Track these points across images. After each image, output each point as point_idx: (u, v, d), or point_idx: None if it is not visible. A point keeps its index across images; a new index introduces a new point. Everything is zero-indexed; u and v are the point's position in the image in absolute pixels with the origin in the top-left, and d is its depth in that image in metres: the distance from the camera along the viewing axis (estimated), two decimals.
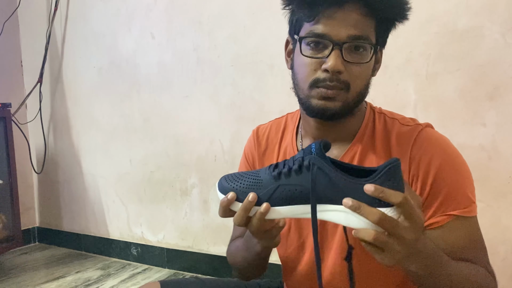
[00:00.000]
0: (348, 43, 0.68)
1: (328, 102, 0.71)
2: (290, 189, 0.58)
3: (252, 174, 0.62)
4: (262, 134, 0.93)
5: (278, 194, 0.59)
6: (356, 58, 0.70)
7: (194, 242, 1.97)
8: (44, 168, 2.55)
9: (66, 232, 2.53)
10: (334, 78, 0.69)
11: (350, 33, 0.68)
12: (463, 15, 1.24)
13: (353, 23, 0.68)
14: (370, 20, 0.69)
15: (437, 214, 0.71)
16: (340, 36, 0.68)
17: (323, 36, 0.69)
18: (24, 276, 2.06)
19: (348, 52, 0.69)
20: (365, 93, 0.76)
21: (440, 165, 0.71)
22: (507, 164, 1.20)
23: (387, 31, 0.74)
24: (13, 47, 2.60)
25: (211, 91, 1.85)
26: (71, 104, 2.42)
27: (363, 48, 0.70)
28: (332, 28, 0.68)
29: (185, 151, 1.96)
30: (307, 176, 0.57)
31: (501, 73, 1.20)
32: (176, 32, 1.94)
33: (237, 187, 0.61)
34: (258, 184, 0.60)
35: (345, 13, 0.68)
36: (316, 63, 0.71)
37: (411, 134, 0.74)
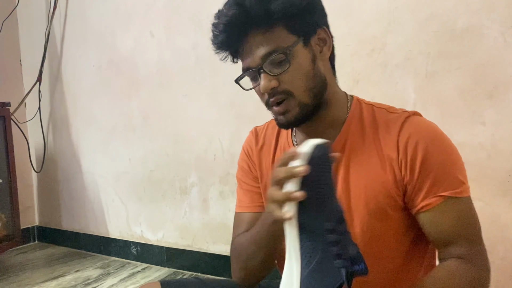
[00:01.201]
0: (264, 62, 0.74)
1: (285, 115, 0.77)
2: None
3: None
4: (260, 132, 0.98)
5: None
6: (279, 68, 0.74)
7: (194, 241, 1.97)
8: (44, 167, 2.55)
9: (65, 231, 2.53)
10: (274, 93, 0.76)
11: (261, 54, 0.74)
12: (463, 14, 1.24)
13: (259, 44, 0.74)
14: (276, 29, 0.73)
15: (428, 196, 0.73)
16: (256, 62, 0.75)
17: (248, 69, 0.78)
18: (23, 275, 2.06)
19: (271, 68, 0.74)
20: (320, 83, 0.77)
21: (427, 148, 0.73)
22: (506, 162, 1.20)
23: (302, 21, 0.75)
24: (12, 46, 2.60)
25: (211, 90, 1.85)
26: (70, 103, 2.42)
27: (280, 58, 0.73)
28: (248, 59, 0.77)
29: (185, 150, 1.96)
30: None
31: (501, 72, 1.20)
32: (175, 30, 1.93)
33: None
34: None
35: (250, 41, 0.75)
36: (258, 90, 0.79)
37: (398, 120, 0.77)
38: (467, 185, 0.75)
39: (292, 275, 0.60)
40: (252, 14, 0.72)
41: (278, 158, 0.86)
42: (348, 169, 0.79)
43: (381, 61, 1.39)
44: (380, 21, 1.39)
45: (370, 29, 1.40)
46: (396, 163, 0.75)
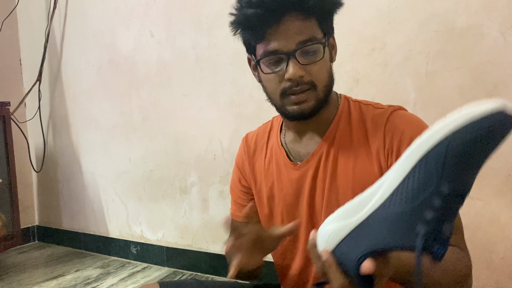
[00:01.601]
0: (299, 49, 0.74)
1: (302, 105, 0.77)
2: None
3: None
4: (251, 139, 0.99)
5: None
6: (310, 59, 0.75)
7: (194, 240, 1.97)
8: (44, 167, 2.55)
9: (65, 230, 2.53)
10: (298, 83, 0.75)
11: (298, 40, 0.73)
12: (463, 14, 1.24)
13: (296, 31, 0.73)
14: (311, 20, 0.74)
15: None
16: (289, 47, 0.74)
17: (276, 52, 0.75)
18: (23, 274, 2.06)
19: (302, 56, 0.74)
20: (331, 83, 0.81)
21: (412, 136, 0.72)
22: (506, 162, 1.20)
23: (330, 21, 0.79)
24: (12, 46, 2.60)
25: (211, 90, 1.85)
26: (70, 103, 2.42)
27: (314, 48, 0.75)
28: (280, 42, 0.74)
29: (185, 150, 1.96)
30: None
31: (501, 71, 1.20)
32: (175, 30, 1.93)
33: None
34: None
35: (287, 24, 0.73)
36: (278, 76, 0.77)
37: (384, 114, 0.80)
38: None
39: (369, 200, 0.53)
40: (299, 1, 0.71)
41: (269, 163, 0.91)
42: (336, 164, 0.81)
43: (381, 60, 1.39)
44: (380, 21, 1.39)
45: (370, 29, 1.40)
46: (382, 153, 0.77)
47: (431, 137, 0.48)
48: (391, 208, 0.50)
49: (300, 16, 0.73)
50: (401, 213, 0.49)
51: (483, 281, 1.24)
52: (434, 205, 0.47)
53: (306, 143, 0.86)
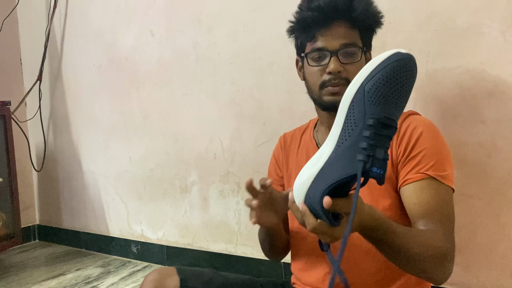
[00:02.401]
0: (341, 49, 0.90)
1: (336, 97, 0.90)
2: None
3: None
4: (288, 135, 1.15)
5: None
6: (349, 59, 0.91)
7: (194, 239, 1.97)
8: (44, 166, 2.55)
9: (66, 229, 2.54)
10: (336, 77, 0.90)
11: (341, 42, 0.90)
12: (463, 13, 1.24)
13: (341, 35, 0.90)
14: (355, 30, 0.92)
15: (412, 171, 0.85)
16: (334, 46, 0.90)
17: (322, 49, 0.91)
18: (24, 273, 2.07)
19: (343, 56, 0.91)
20: None
21: (422, 132, 0.87)
22: (506, 161, 1.20)
23: (370, 37, 0.98)
24: (13, 45, 2.60)
25: (211, 89, 1.85)
26: (71, 102, 2.42)
27: (354, 51, 0.91)
28: (327, 42, 0.91)
29: (185, 149, 1.96)
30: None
31: (501, 70, 1.20)
32: (176, 29, 1.93)
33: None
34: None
35: (334, 29, 0.91)
36: (321, 70, 0.92)
37: (402, 116, 0.91)
38: (452, 179, 0.85)
39: (323, 152, 0.65)
40: (347, 8, 0.89)
41: (301, 151, 1.06)
42: None
43: None
44: None
45: None
46: (395, 144, 0.89)
47: (352, 87, 0.64)
48: (339, 150, 0.63)
49: (346, 24, 0.91)
50: (346, 150, 0.61)
51: (483, 280, 1.24)
52: (366, 135, 0.60)
53: None
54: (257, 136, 1.71)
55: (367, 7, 0.92)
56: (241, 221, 1.78)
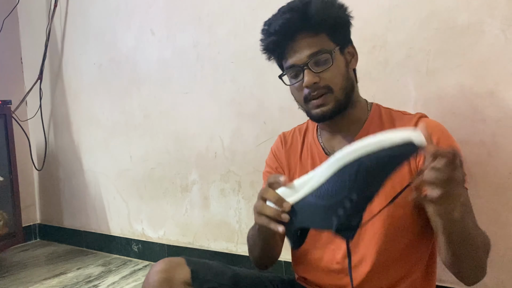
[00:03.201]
0: (310, 61, 0.88)
1: (322, 108, 0.90)
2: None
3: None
4: (288, 135, 1.11)
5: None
6: (322, 67, 0.88)
7: (195, 238, 1.98)
8: (45, 165, 2.55)
9: (67, 228, 2.54)
10: (315, 88, 0.88)
11: (308, 54, 0.88)
12: (464, 11, 1.24)
13: (306, 45, 0.88)
14: (320, 35, 0.89)
15: None
16: (302, 60, 0.88)
17: (293, 66, 0.90)
18: (25, 272, 2.07)
19: (315, 65, 0.88)
20: (350, 85, 0.92)
21: (439, 138, 0.86)
22: (507, 160, 1.20)
23: (342, 33, 0.93)
24: (13, 44, 2.60)
25: (211, 88, 1.85)
26: (71, 101, 2.42)
27: (324, 57, 0.88)
28: (295, 58, 0.89)
29: (185, 148, 1.97)
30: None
31: (502, 69, 1.20)
32: (176, 28, 1.93)
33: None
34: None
35: (298, 42, 0.89)
36: (299, 86, 0.91)
37: (413, 118, 0.92)
38: (467, 179, 0.82)
39: (302, 187, 0.71)
40: (303, 20, 0.87)
41: (304, 155, 1.03)
42: None
43: (382, 58, 1.39)
44: (380, 19, 1.39)
45: (371, 27, 1.40)
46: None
47: (350, 154, 0.64)
48: (316, 199, 0.67)
49: (309, 33, 0.88)
50: (322, 206, 0.66)
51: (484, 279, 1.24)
52: (345, 206, 0.64)
53: (340, 140, 0.96)
54: (257, 135, 1.71)
55: (323, 9, 0.89)
56: (242, 220, 1.79)
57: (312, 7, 0.87)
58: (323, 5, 0.89)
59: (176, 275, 0.91)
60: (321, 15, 0.87)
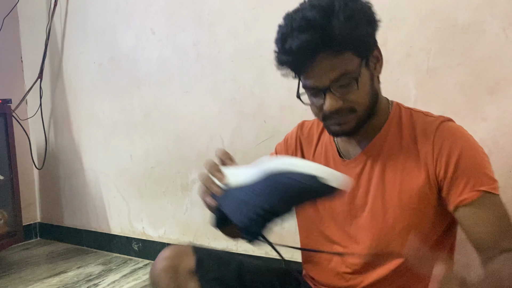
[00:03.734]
0: (333, 84, 0.77)
1: (343, 126, 0.83)
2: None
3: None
4: (306, 126, 1.05)
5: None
6: (346, 90, 0.79)
7: (195, 237, 1.98)
8: (45, 164, 2.55)
9: (67, 227, 2.54)
10: (336, 112, 0.80)
11: (331, 77, 0.77)
12: (464, 10, 1.24)
13: (329, 68, 0.76)
14: (344, 54, 0.76)
15: (465, 191, 0.78)
16: (323, 83, 0.78)
17: (313, 87, 0.81)
18: (25, 271, 2.07)
19: (338, 88, 0.78)
20: (374, 100, 0.84)
21: (462, 148, 0.79)
22: (507, 158, 1.20)
23: (367, 44, 0.81)
24: (13, 43, 2.60)
25: (211, 87, 1.85)
26: (72, 100, 2.42)
27: (348, 81, 0.78)
28: (315, 80, 0.79)
29: (186, 147, 1.97)
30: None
31: (502, 67, 1.20)
32: (176, 27, 1.93)
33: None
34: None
35: (319, 63, 0.76)
36: (319, 105, 0.82)
37: (434, 123, 0.84)
38: (497, 184, 0.80)
39: (234, 179, 0.75)
40: (324, 41, 0.74)
41: (318, 152, 0.98)
42: (384, 168, 0.86)
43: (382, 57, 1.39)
44: (381, 17, 1.38)
45: None
46: (431, 161, 0.81)
47: (276, 166, 0.68)
48: (240, 194, 0.71)
49: (331, 53, 0.75)
50: (243, 202, 0.69)
51: None
52: (256, 211, 0.66)
53: (356, 144, 0.91)
54: (258, 134, 1.71)
55: (349, 25, 0.74)
56: None
57: (335, 23, 0.73)
58: (348, 20, 0.74)
59: (181, 263, 0.93)
60: (347, 33, 0.74)
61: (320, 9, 0.74)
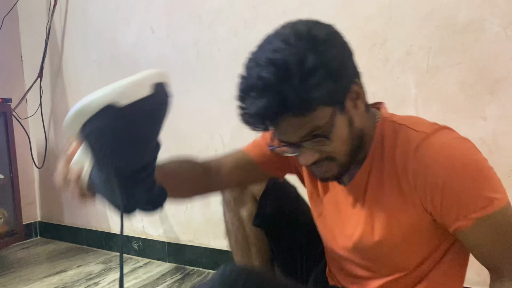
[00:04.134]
0: (303, 141, 0.70)
1: (326, 174, 0.76)
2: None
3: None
4: None
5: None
6: (319, 144, 0.70)
7: (195, 236, 1.98)
8: (45, 163, 2.55)
9: (67, 226, 2.54)
10: (315, 164, 0.73)
11: (300, 135, 0.69)
12: (464, 8, 1.24)
13: (296, 127, 0.68)
14: (311, 112, 0.66)
15: (458, 219, 0.70)
16: (294, 140, 0.70)
17: (284, 142, 0.73)
18: (26, 270, 2.07)
19: (311, 143, 0.70)
20: (357, 141, 0.75)
21: (445, 176, 0.69)
22: (507, 157, 1.20)
23: (338, 91, 0.68)
24: (13, 42, 2.60)
25: (211, 85, 1.84)
26: (72, 99, 2.42)
27: (320, 138, 0.69)
28: (284, 136, 0.72)
29: (186, 146, 1.97)
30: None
31: (502, 66, 1.20)
32: (176, 26, 1.93)
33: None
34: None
35: (284, 124, 0.68)
36: (295, 156, 0.76)
37: (413, 143, 0.72)
38: (500, 197, 0.69)
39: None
40: (284, 105, 0.64)
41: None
42: (371, 208, 0.79)
43: (382, 56, 1.39)
44: (381, 16, 1.38)
45: (371, 24, 1.40)
46: (416, 195, 0.73)
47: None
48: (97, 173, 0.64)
49: (295, 115, 0.66)
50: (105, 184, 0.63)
51: (484, 276, 1.24)
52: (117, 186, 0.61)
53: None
54: (257, 133, 1.71)
55: (307, 85, 0.63)
56: None
57: (290, 87, 0.63)
58: (305, 81, 0.63)
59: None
60: (305, 97, 0.63)
61: (275, 68, 0.64)
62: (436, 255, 0.79)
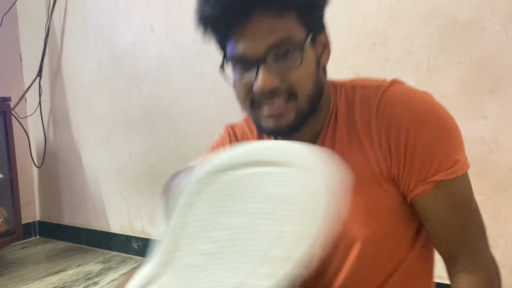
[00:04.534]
0: (270, 53, 0.59)
1: (279, 120, 0.63)
2: None
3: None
4: (238, 130, 0.90)
5: None
6: (287, 64, 0.60)
7: None
8: (44, 162, 2.55)
9: (66, 226, 2.54)
10: (271, 95, 0.61)
11: (268, 43, 0.58)
12: (464, 8, 1.24)
13: (267, 30, 0.58)
14: (287, 16, 0.59)
15: (418, 183, 0.63)
16: (258, 50, 0.59)
17: (243, 56, 0.61)
18: (25, 269, 2.07)
19: (276, 61, 0.60)
20: (319, 93, 0.65)
21: (408, 129, 0.62)
22: (507, 157, 1.20)
23: (316, 15, 0.63)
24: (12, 41, 2.59)
25: (211, 85, 1.84)
26: (71, 98, 2.42)
27: (289, 50, 0.60)
28: (248, 45, 0.59)
29: (185, 145, 1.96)
30: None
31: (502, 66, 1.20)
32: (176, 25, 1.93)
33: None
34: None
35: (255, 24, 0.58)
36: (247, 84, 0.63)
37: (373, 100, 0.65)
38: (462, 160, 0.63)
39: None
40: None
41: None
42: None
43: (382, 55, 1.39)
44: (381, 15, 1.38)
45: (372, 23, 1.40)
46: (380, 154, 0.64)
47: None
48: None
49: (272, 12, 0.58)
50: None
51: None
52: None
53: None
54: None
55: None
56: None
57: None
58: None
59: None
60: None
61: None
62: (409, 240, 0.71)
